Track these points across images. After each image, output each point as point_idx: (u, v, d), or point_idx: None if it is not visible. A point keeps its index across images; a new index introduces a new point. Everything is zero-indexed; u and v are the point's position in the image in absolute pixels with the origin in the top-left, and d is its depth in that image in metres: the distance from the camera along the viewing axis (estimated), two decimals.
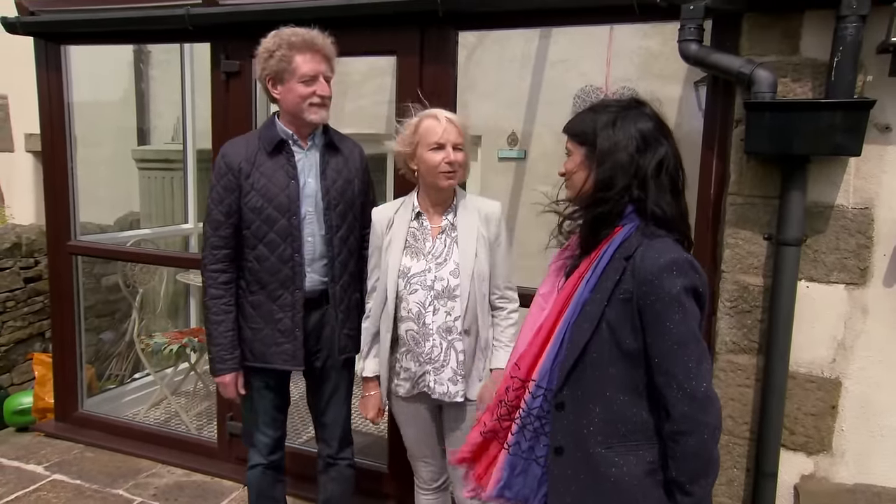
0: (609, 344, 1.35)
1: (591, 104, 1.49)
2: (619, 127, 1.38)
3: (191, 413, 3.94)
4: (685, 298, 1.30)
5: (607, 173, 1.37)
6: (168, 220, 4.70)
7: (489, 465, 1.51)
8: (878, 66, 2.02)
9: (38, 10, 3.19)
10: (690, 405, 1.28)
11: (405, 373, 2.07)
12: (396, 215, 2.10)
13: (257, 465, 2.37)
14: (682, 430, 1.29)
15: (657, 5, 2.15)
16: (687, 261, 1.33)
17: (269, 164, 2.16)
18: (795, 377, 2.20)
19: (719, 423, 1.32)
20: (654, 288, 1.30)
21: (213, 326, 2.20)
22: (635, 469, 1.35)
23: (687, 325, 1.29)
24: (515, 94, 4.02)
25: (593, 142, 1.40)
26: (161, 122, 5.12)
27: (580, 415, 1.37)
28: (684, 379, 1.29)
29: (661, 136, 1.40)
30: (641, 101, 1.44)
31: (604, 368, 1.36)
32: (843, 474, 2.21)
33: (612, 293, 1.34)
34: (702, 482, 1.31)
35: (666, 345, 1.30)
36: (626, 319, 1.34)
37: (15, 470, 3.20)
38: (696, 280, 1.32)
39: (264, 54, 2.10)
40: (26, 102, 3.81)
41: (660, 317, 1.30)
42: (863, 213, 2.10)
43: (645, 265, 1.31)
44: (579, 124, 1.45)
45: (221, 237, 2.18)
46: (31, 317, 3.96)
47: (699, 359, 1.30)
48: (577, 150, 1.44)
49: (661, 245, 1.34)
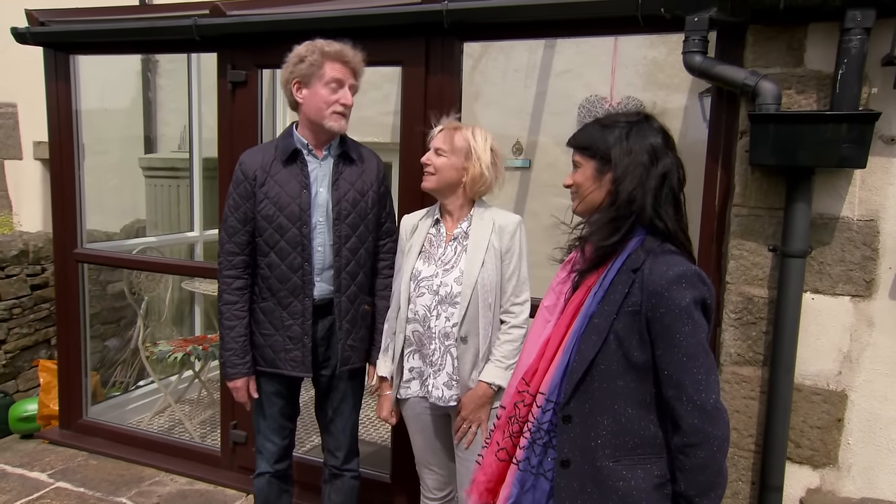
0: (617, 356, 1.35)
1: (597, 118, 1.48)
2: (633, 141, 1.38)
3: (194, 421, 3.94)
4: (694, 311, 1.30)
5: (629, 188, 1.37)
6: (174, 228, 4.72)
7: (501, 483, 1.51)
8: (883, 79, 2.02)
9: (47, 21, 3.22)
10: (700, 417, 1.28)
11: (412, 372, 2.10)
12: (420, 222, 2.18)
13: (264, 474, 2.37)
14: (691, 443, 1.29)
15: (661, 17, 2.16)
16: (696, 273, 1.33)
17: (284, 172, 2.18)
18: (801, 389, 2.19)
19: (728, 435, 1.32)
20: (663, 300, 1.30)
21: (226, 331, 2.22)
22: (643, 483, 1.34)
23: (696, 338, 1.30)
24: (520, 104, 4.04)
25: (604, 156, 1.40)
26: (168, 131, 5.15)
27: (588, 427, 1.37)
28: (694, 391, 1.29)
29: (668, 148, 1.41)
30: (648, 115, 1.44)
31: (612, 381, 1.36)
32: (850, 488, 2.19)
33: (620, 306, 1.35)
34: (711, 495, 1.30)
35: (675, 357, 1.30)
36: (633, 332, 1.34)
37: (19, 477, 3.20)
38: (705, 292, 1.33)
39: (295, 59, 2.14)
40: (35, 111, 3.84)
41: (669, 329, 1.30)
42: (868, 225, 2.09)
43: (654, 277, 1.32)
44: (588, 137, 1.44)
45: (237, 244, 2.20)
46: (38, 324, 3.98)
47: (708, 371, 1.30)
48: (586, 164, 1.44)
49: (670, 258, 1.35)
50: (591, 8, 2.27)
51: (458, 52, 2.61)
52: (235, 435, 3.17)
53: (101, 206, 4.49)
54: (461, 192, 2.09)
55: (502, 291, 2.06)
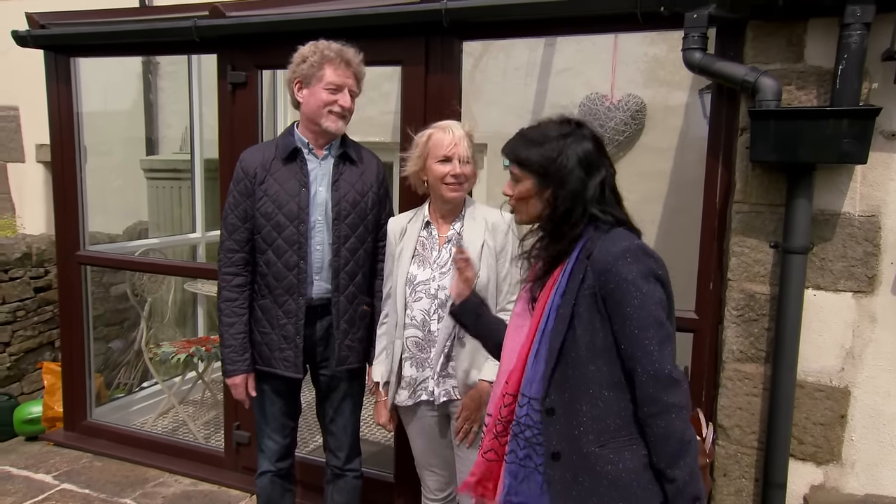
0: (584, 342, 1.38)
1: (526, 130, 1.51)
2: (567, 156, 1.42)
3: (198, 422, 3.95)
4: (642, 282, 1.34)
5: (566, 205, 1.42)
6: (176, 230, 4.73)
7: (496, 484, 1.52)
8: (884, 74, 2.02)
9: (48, 24, 3.23)
10: (655, 387, 1.32)
11: (403, 381, 2.09)
12: (409, 224, 2.15)
13: (266, 473, 2.38)
14: (650, 413, 1.33)
15: (660, 14, 2.16)
16: (639, 246, 1.38)
17: (283, 171, 2.19)
18: (804, 386, 2.18)
19: (686, 404, 1.34)
20: (611, 276, 1.35)
21: (225, 328, 2.23)
22: (631, 464, 1.36)
23: (646, 310, 1.33)
24: (521, 102, 4.03)
25: (543, 172, 1.43)
26: (170, 132, 5.16)
27: (570, 416, 1.39)
28: (647, 362, 1.32)
29: (600, 153, 1.45)
30: (579, 122, 1.48)
31: (583, 367, 1.38)
32: (854, 485, 2.18)
33: (578, 291, 1.39)
34: (680, 464, 1.31)
35: (628, 330, 1.34)
36: (594, 314, 1.38)
37: (24, 479, 3.21)
38: (651, 264, 1.36)
39: (298, 59, 2.16)
40: (37, 113, 3.85)
41: (620, 304, 1.34)
42: (870, 220, 2.09)
43: (601, 255, 1.37)
44: (524, 152, 1.47)
45: (236, 241, 2.21)
46: (41, 326, 3.99)
47: (662, 342, 1.33)
48: (525, 178, 1.47)
49: (615, 235, 1.40)
50: (590, 5, 2.27)
51: (458, 51, 2.61)
52: (239, 436, 3.17)
53: (103, 207, 4.50)
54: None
55: (498, 290, 2.05)
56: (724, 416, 2.27)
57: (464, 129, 2.06)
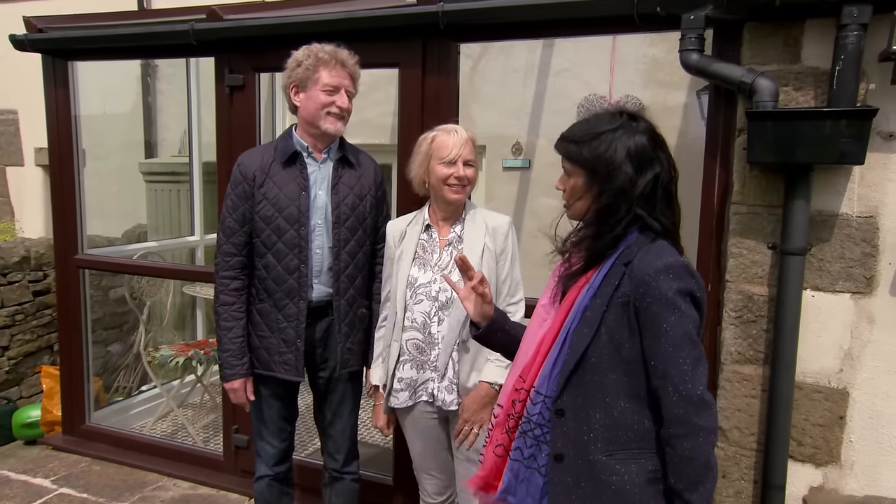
0: (608, 349, 1.35)
1: (581, 122, 1.45)
2: (613, 149, 1.36)
3: (197, 425, 3.95)
4: (680, 301, 1.30)
5: (609, 201, 1.36)
6: (175, 233, 4.73)
7: (498, 478, 1.50)
8: (881, 75, 2.01)
9: (45, 28, 3.23)
10: (685, 408, 1.28)
11: (402, 382, 2.08)
12: (409, 227, 2.15)
13: (264, 477, 2.37)
14: (677, 434, 1.29)
15: (658, 15, 2.16)
16: (683, 265, 1.33)
17: (283, 174, 2.18)
18: (802, 387, 2.18)
19: (714, 427, 1.31)
20: (650, 289, 1.30)
21: (223, 332, 2.22)
22: (637, 477, 1.34)
23: (682, 328, 1.29)
24: (520, 104, 4.03)
25: (591, 168, 1.38)
26: (168, 135, 5.16)
27: (581, 421, 1.37)
28: (679, 381, 1.28)
29: (656, 148, 1.38)
30: (633, 115, 1.41)
31: (603, 374, 1.35)
32: (853, 486, 2.18)
33: (611, 298, 1.35)
34: (700, 489, 1.29)
35: (662, 347, 1.30)
36: (624, 324, 1.34)
37: (22, 484, 3.21)
38: (692, 284, 1.32)
39: (293, 63, 2.16)
40: (36, 117, 3.85)
41: (656, 318, 1.30)
42: (867, 221, 2.08)
43: (642, 267, 1.32)
44: (574, 147, 1.42)
45: (234, 244, 2.20)
46: (40, 330, 3.99)
47: (695, 362, 1.29)
48: (575, 173, 1.42)
49: (659, 249, 1.35)
50: (587, 7, 2.26)
51: (455, 53, 2.61)
52: (238, 439, 3.17)
53: (102, 211, 4.51)
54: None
55: (497, 293, 2.05)
56: (723, 418, 2.27)
57: (469, 134, 2.07)
